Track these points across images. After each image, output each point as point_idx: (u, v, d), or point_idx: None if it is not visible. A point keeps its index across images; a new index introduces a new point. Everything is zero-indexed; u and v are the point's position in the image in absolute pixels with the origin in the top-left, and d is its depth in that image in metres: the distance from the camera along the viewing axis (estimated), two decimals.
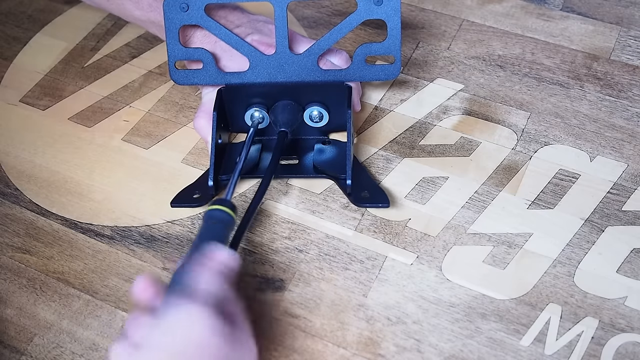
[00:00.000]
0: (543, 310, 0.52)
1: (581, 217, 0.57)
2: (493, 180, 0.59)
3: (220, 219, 0.50)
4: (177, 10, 0.58)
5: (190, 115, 0.66)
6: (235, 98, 0.60)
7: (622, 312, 0.52)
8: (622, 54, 0.68)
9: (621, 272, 0.54)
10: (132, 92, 0.68)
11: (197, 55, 0.59)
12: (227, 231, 0.50)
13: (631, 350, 0.50)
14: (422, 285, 0.54)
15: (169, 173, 0.62)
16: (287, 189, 0.60)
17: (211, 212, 0.50)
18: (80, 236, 0.59)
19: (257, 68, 0.59)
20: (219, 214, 0.50)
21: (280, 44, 0.58)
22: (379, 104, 0.66)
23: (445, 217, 0.57)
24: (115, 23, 0.75)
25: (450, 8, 0.73)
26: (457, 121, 0.64)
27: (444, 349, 0.51)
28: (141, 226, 0.59)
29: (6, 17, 0.77)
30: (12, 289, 0.56)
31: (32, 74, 0.71)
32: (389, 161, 0.61)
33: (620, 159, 0.60)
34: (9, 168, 0.64)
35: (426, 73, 0.68)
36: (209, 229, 0.49)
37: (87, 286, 0.56)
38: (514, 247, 0.56)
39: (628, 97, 0.65)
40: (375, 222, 0.58)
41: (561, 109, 0.64)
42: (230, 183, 0.54)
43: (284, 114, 0.59)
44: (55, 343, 0.53)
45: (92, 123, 0.66)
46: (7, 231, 0.59)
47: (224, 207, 0.50)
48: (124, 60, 0.71)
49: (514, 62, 0.68)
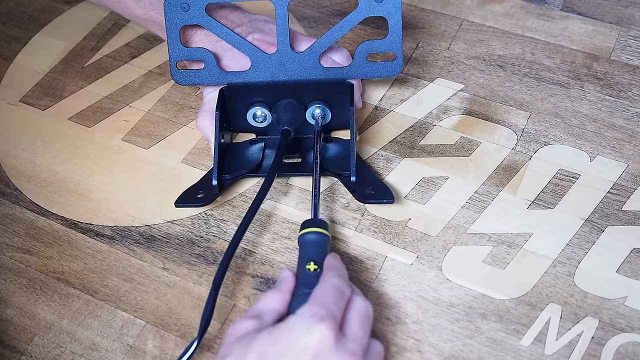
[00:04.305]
0: (543, 310, 0.52)
1: (581, 217, 0.57)
2: (493, 180, 0.60)
3: (320, 242, 0.51)
4: (178, 10, 0.58)
5: (190, 115, 0.66)
6: (238, 97, 0.60)
7: (622, 312, 0.52)
8: (622, 54, 0.68)
9: (621, 272, 0.54)
10: (132, 92, 0.68)
11: (198, 55, 0.59)
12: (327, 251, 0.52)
13: (631, 350, 0.50)
14: (422, 285, 0.54)
15: (169, 173, 0.62)
16: (287, 189, 0.60)
17: (310, 235, 0.51)
18: (80, 236, 0.59)
19: (258, 67, 0.59)
20: (321, 238, 0.51)
21: (282, 42, 0.58)
22: (379, 104, 0.66)
23: (445, 217, 0.57)
24: (115, 23, 0.75)
25: (450, 8, 0.73)
26: (457, 121, 0.64)
27: (444, 349, 0.51)
28: (141, 226, 0.59)
29: (6, 17, 0.77)
30: (12, 289, 0.56)
31: (32, 74, 0.71)
32: (389, 161, 0.61)
33: (620, 159, 0.60)
34: (9, 168, 0.64)
35: (426, 73, 0.68)
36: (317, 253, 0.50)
37: (87, 286, 0.56)
38: (514, 247, 0.56)
39: (628, 97, 0.65)
40: (375, 222, 0.58)
41: (561, 109, 0.64)
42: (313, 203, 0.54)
43: (286, 112, 0.59)
44: (55, 343, 0.53)
45: (92, 123, 0.66)
46: (7, 231, 0.59)
47: (322, 230, 0.51)
48: (124, 60, 0.71)
49: (514, 62, 0.68)
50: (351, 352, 0.42)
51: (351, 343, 0.43)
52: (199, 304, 0.54)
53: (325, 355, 0.41)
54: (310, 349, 0.41)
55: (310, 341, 0.42)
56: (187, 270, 0.56)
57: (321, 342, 0.42)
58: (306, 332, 0.42)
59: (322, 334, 0.42)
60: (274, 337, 0.42)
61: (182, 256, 0.57)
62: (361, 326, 0.45)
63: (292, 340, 0.42)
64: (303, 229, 0.51)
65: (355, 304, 0.46)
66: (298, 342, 0.42)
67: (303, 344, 0.41)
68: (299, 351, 0.41)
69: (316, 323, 0.42)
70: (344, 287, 0.46)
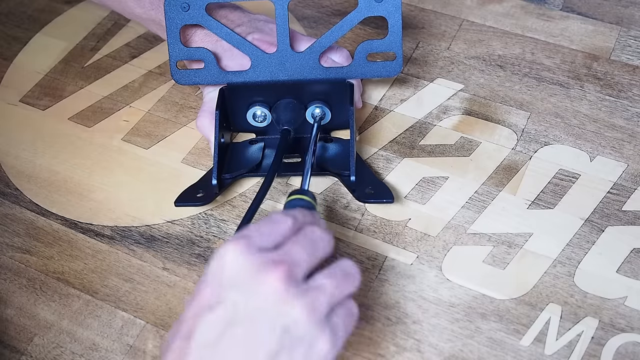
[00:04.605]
0: (543, 310, 0.52)
1: (581, 217, 0.57)
2: (493, 180, 0.60)
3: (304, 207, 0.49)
4: (178, 9, 0.58)
5: (190, 115, 0.66)
6: (237, 97, 0.60)
7: (622, 312, 0.52)
8: (622, 54, 0.68)
9: (621, 272, 0.54)
10: (132, 92, 0.68)
11: (198, 54, 0.59)
12: None
13: (631, 350, 0.50)
14: (422, 285, 0.54)
15: (169, 173, 0.62)
16: (287, 188, 0.60)
17: (295, 201, 0.49)
18: (80, 236, 0.59)
19: (258, 67, 0.59)
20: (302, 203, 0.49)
21: (282, 42, 0.58)
22: (379, 104, 0.66)
23: (445, 217, 0.57)
24: (116, 23, 0.75)
25: (450, 8, 0.73)
26: (457, 121, 0.64)
27: (444, 349, 0.51)
28: (141, 226, 0.59)
29: (6, 17, 0.77)
30: (12, 289, 0.56)
31: (32, 74, 0.71)
32: (389, 161, 0.61)
33: (620, 159, 0.60)
34: (9, 168, 0.64)
35: (426, 73, 0.68)
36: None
37: (87, 286, 0.56)
38: (514, 247, 0.56)
39: (628, 97, 0.65)
40: (375, 222, 0.58)
41: (561, 109, 0.64)
42: (305, 174, 0.53)
43: (286, 112, 0.59)
44: (55, 343, 0.53)
45: (92, 123, 0.66)
46: (7, 231, 0.59)
47: (306, 197, 0.50)
48: (124, 60, 0.71)
49: (514, 62, 0.68)
50: (269, 259, 0.39)
51: (271, 253, 0.39)
52: None
53: (236, 269, 0.39)
54: (222, 269, 0.39)
55: (221, 263, 0.39)
56: (187, 270, 0.56)
57: (230, 258, 0.39)
58: (216, 258, 0.39)
59: (230, 252, 0.39)
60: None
61: (182, 256, 0.57)
62: (296, 248, 0.40)
63: (206, 271, 0.40)
64: (288, 197, 0.51)
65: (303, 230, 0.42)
66: (210, 270, 0.39)
67: (213, 268, 0.39)
68: (212, 277, 0.39)
69: (226, 245, 0.39)
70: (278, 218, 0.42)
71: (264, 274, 0.38)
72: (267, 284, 0.38)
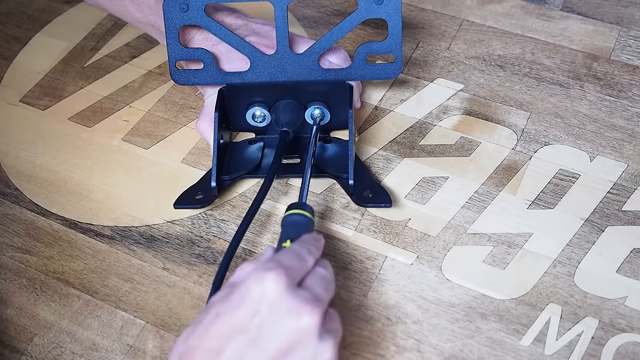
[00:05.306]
0: (543, 310, 0.52)
1: (581, 217, 0.57)
2: (493, 180, 0.60)
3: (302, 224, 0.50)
4: (177, 10, 0.58)
5: (190, 115, 0.66)
6: (237, 97, 0.60)
7: (622, 312, 0.52)
8: (622, 54, 0.68)
9: (621, 272, 0.54)
10: (132, 92, 0.68)
11: (197, 55, 0.59)
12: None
13: (631, 350, 0.50)
14: (422, 285, 0.54)
15: (169, 173, 0.62)
16: (287, 189, 0.60)
17: (294, 216, 0.50)
18: (80, 236, 0.59)
19: (257, 68, 0.59)
20: (301, 219, 0.50)
21: (281, 43, 0.58)
22: (379, 104, 0.66)
23: (445, 217, 0.57)
24: (115, 23, 0.75)
25: (450, 8, 0.73)
26: (457, 121, 0.64)
27: (444, 349, 0.51)
28: (141, 226, 0.59)
29: (6, 17, 0.77)
30: (12, 289, 0.56)
31: (32, 74, 0.71)
32: (389, 161, 0.61)
33: (620, 159, 0.60)
34: (9, 168, 0.64)
35: (426, 73, 0.68)
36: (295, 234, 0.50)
37: (87, 286, 0.56)
38: (514, 247, 0.56)
39: (628, 97, 0.65)
40: (375, 222, 0.58)
41: (561, 109, 0.64)
42: (303, 184, 0.54)
43: (285, 113, 0.59)
44: (55, 343, 0.53)
45: (92, 123, 0.66)
46: (7, 231, 0.59)
47: (305, 212, 0.51)
48: (124, 60, 0.71)
49: (514, 62, 0.68)
50: (305, 299, 0.41)
51: (305, 292, 0.42)
52: (199, 304, 0.54)
53: (277, 302, 0.41)
54: (262, 298, 0.41)
55: (261, 291, 0.41)
56: (187, 270, 0.56)
57: (271, 289, 0.41)
58: (256, 282, 0.42)
59: (272, 282, 0.41)
60: (228, 295, 0.42)
61: (182, 256, 0.57)
62: (319, 284, 0.44)
63: (243, 292, 0.42)
64: (286, 212, 0.51)
65: (317, 269, 0.46)
66: (249, 294, 0.41)
67: (254, 295, 0.41)
68: (251, 302, 0.41)
69: (265, 272, 0.42)
70: (304, 254, 0.45)
71: (302, 312, 0.41)
72: (303, 322, 0.41)
